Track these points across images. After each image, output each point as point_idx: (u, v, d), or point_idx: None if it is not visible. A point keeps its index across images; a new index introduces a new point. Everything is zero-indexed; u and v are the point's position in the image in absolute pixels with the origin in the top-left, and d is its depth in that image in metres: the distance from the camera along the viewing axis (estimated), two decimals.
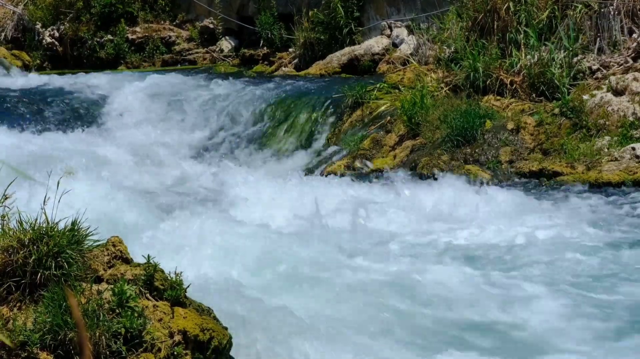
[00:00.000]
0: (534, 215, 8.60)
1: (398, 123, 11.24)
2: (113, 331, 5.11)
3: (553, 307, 6.51)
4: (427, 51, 12.95)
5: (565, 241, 7.86)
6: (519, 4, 11.76)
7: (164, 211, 8.57)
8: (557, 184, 9.50)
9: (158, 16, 17.56)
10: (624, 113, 10.02)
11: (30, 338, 5.03)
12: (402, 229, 8.48)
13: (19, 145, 11.46)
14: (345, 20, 14.96)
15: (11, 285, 5.24)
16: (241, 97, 13.35)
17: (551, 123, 10.28)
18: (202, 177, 11.01)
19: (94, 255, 5.55)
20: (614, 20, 11.32)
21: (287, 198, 9.24)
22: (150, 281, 5.46)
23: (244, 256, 7.16)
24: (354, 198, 9.17)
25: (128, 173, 10.83)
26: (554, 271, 7.25)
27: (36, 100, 13.87)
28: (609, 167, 9.50)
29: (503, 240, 8.00)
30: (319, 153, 11.82)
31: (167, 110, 13.64)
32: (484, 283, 7.01)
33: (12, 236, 5.28)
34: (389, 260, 7.46)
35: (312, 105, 12.58)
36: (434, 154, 10.33)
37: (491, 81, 11.25)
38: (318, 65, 14.69)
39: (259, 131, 12.72)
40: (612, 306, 6.55)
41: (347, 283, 6.83)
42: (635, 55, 11.04)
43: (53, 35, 17.33)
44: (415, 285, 6.83)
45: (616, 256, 7.56)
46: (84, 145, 12.09)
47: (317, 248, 7.55)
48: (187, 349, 5.36)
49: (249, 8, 16.81)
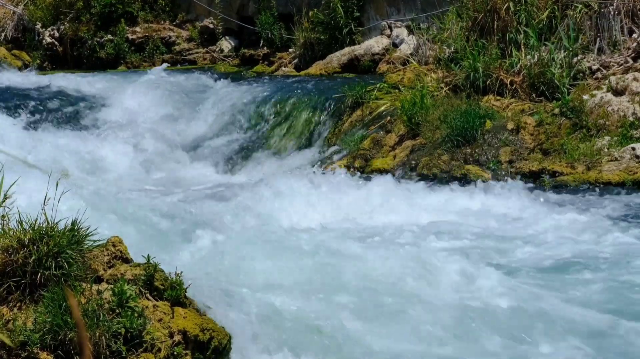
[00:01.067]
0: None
1: (398, 123, 11.24)
2: (113, 331, 5.11)
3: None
4: (427, 51, 12.95)
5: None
6: (519, 4, 11.76)
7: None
8: (558, 184, 9.49)
9: (158, 16, 17.56)
10: (624, 113, 10.01)
11: (30, 338, 5.03)
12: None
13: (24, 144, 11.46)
14: (345, 20, 14.96)
15: (11, 285, 5.24)
16: (241, 97, 13.35)
17: (551, 123, 10.28)
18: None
19: (94, 255, 5.55)
20: (614, 20, 11.32)
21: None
22: (150, 281, 5.46)
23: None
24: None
25: (135, 175, 10.78)
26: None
27: (38, 99, 13.87)
28: (609, 167, 9.50)
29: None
30: (318, 153, 11.81)
31: (167, 110, 13.64)
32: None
33: (12, 236, 5.28)
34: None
35: (312, 105, 12.58)
36: (434, 154, 10.33)
37: (491, 81, 11.25)
38: (318, 65, 14.69)
39: (258, 131, 12.72)
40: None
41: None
42: (635, 55, 11.04)
43: (53, 35, 17.33)
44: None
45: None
46: (81, 146, 12.08)
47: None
48: (187, 350, 5.36)
49: (249, 8, 16.80)
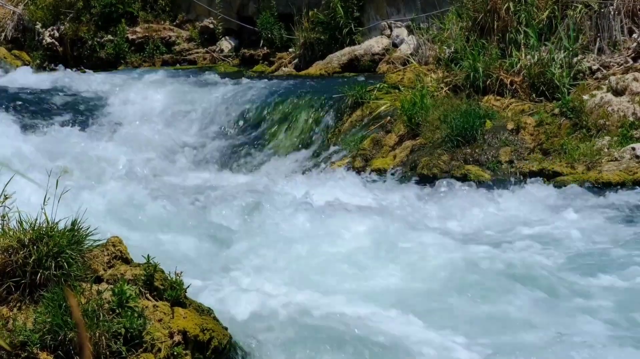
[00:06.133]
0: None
1: (398, 124, 11.23)
2: (113, 331, 5.11)
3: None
4: (427, 51, 12.94)
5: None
6: (519, 4, 11.75)
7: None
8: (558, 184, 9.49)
9: (158, 16, 17.56)
10: (624, 114, 10.01)
11: (30, 338, 5.03)
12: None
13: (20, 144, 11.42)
14: (345, 20, 14.96)
15: (11, 285, 5.24)
16: (241, 97, 13.35)
17: (551, 123, 10.27)
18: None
19: (94, 255, 5.55)
20: (614, 20, 11.32)
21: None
22: (150, 281, 5.46)
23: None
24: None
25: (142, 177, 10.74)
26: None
27: (40, 98, 13.87)
28: (609, 167, 9.49)
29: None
30: (318, 153, 11.81)
31: (166, 110, 13.64)
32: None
33: (12, 236, 5.28)
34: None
35: (312, 105, 12.58)
36: (434, 154, 10.32)
37: (491, 81, 11.24)
38: (318, 65, 14.69)
39: (258, 131, 12.71)
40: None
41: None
42: (635, 55, 11.04)
43: (53, 35, 17.32)
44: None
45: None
46: (83, 145, 12.07)
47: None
48: (187, 350, 5.36)
49: (249, 8, 16.80)
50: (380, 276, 7.28)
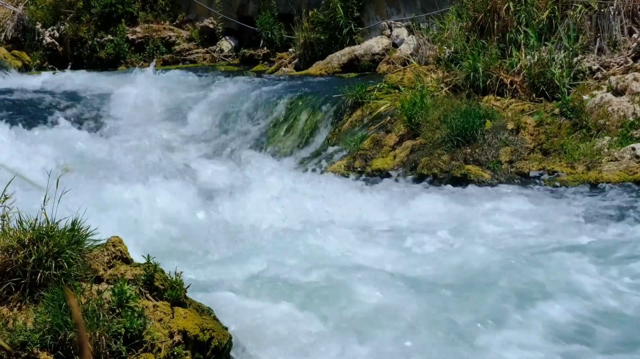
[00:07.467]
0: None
1: (398, 124, 11.23)
2: (113, 331, 5.11)
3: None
4: (427, 51, 12.95)
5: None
6: (519, 4, 11.76)
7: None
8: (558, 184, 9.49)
9: (158, 16, 17.57)
10: (624, 114, 10.01)
11: (30, 338, 5.03)
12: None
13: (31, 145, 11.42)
14: (345, 20, 14.96)
15: (11, 285, 5.24)
16: (241, 97, 13.36)
17: (551, 123, 10.27)
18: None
19: (94, 255, 5.55)
20: (614, 20, 11.32)
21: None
22: (150, 281, 5.46)
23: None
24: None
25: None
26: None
27: (40, 98, 13.88)
28: (609, 167, 9.49)
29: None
30: (318, 153, 11.81)
31: (166, 110, 13.65)
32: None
33: (12, 236, 5.28)
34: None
35: (312, 105, 12.57)
36: (434, 154, 10.33)
37: (491, 81, 11.25)
38: (318, 65, 14.69)
39: (258, 131, 12.72)
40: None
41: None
42: (635, 55, 11.04)
43: (53, 35, 17.33)
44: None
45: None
46: (83, 145, 12.07)
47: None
48: (187, 350, 5.36)
49: (249, 8, 16.81)
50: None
